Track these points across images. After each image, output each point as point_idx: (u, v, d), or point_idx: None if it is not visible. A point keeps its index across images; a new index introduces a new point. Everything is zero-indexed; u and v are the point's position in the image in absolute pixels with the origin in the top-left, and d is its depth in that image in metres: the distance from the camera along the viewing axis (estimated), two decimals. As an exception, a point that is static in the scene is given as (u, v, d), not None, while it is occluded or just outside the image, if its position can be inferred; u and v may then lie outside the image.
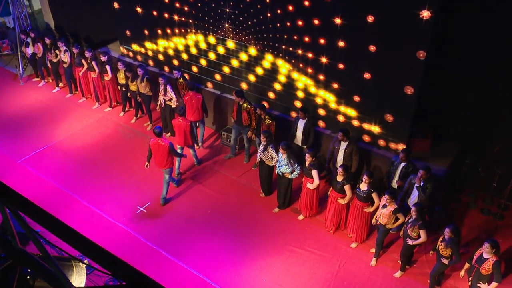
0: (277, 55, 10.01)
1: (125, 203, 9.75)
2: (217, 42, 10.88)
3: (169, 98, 10.95)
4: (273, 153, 9.09)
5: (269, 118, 9.84)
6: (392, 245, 8.86)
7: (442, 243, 7.42)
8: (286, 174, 8.99)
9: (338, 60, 9.18)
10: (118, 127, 12.10)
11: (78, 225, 9.18)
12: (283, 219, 9.41)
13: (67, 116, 12.52)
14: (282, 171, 8.99)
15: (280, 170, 9.00)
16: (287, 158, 8.82)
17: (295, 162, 8.93)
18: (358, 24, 8.53)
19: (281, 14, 9.46)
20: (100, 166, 10.77)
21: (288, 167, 8.87)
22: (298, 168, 8.93)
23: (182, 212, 9.57)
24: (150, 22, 11.92)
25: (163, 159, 9.29)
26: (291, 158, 8.86)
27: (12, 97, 13.32)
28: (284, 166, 8.90)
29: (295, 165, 8.90)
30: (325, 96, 9.78)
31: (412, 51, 8.16)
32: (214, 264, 8.49)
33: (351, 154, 9.11)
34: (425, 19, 7.77)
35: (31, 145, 11.42)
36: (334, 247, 8.83)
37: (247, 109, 10.13)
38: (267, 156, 9.22)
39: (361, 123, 9.54)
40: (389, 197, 7.83)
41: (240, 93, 10.23)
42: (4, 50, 15.38)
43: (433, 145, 9.45)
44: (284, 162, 8.87)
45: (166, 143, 9.16)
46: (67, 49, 12.54)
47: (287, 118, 10.48)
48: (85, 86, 12.82)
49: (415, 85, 8.48)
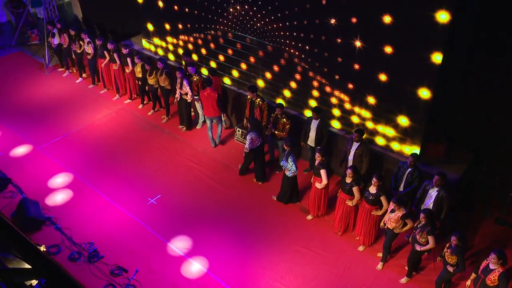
0: (293, 53, 9.96)
1: (137, 194, 9.89)
2: (234, 38, 10.90)
3: (185, 92, 11.05)
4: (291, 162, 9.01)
5: (286, 117, 9.80)
6: (401, 250, 8.71)
7: (448, 250, 7.27)
8: (285, 170, 9.15)
9: (353, 60, 9.06)
10: (136, 119, 12.28)
11: (90, 213, 9.39)
12: (291, 218, 9.36)
13: (88, 106, 12.77)
14: (283, 165, 9.17)
15: (283, 164, 9.16)
16: (287, 154, 8.95)
17: (292, 162, 8.95)
18: (375, 25, 8.39)
19: (298, 11, 9.40)
20: (116, 156, 10.95)
21: (286, 162, 9.01)
22: (293, 169, 9.00)
23: (191, 206, 9.63)
24: (171, 16, 12.04)
25: (211, 108, 10.44)
26: (289, 156, 8.93)
27: (37, 86, 13.67)
28: (284, 161, 9.06)
29: (290, 164, 8.95)
30: (340, 96, 9.67)
31: (428, 53, 7.98)
32: (219, 259, 8.52)
33: (361, 155, 9.00)
34: (442, 21, 7.58)
35: (52, 132, 11.70)
36: (341, 249, 8.74)
37: (259, 105, 10.12)
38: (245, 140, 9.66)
39: (375, 125, 9.40)
40: (396, 204, 7.69)
41: (253, 88, 10.22)
42: (33, 40, 15.79)
43: (448, 151, 9.24)
44: (284, 158, 9.03)
45: (215, 93, 10.41)
46: (90, 41, 12.78)
47: (301, 117, 10.42)
48: (107, 77, 13.04)
49: (431, 88, 8.29)
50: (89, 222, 9.20)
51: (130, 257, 8.51)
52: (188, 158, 10.89)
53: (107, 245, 8.71)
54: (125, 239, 8.89)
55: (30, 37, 15.78)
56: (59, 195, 9.81)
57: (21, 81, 13.87)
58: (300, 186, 9.72)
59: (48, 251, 8.47)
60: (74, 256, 8.46)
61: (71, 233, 8.91)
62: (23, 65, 14.76)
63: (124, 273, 8.19)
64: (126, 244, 8.77)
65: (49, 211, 9.39)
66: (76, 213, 9.39)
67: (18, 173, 10.30)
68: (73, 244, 8.69)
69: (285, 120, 9.77)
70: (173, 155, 10.99)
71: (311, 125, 9.63)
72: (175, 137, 11.61)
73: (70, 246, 8.65)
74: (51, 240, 8.75)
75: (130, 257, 8.50)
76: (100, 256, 8.48)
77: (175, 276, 8.19)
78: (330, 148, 9.99)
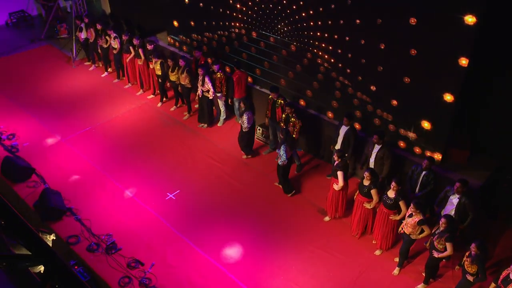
0: (316, 53, 9.90)
1: (156, 188, 9.99)
2: (258, 36, 10.90)
3: (207, 89, 11.10)
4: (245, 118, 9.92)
5: (296, 117, 9.77)
6: (418, 256, 8.57)
7: (468, 259, 7.11)
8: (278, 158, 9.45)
9: (377, 62, 8.96)
10: (158, 114, 12.40)
11: (109, 205, 9.52)
12: (309, 219, 9.32)
13: (112, 100, 12.96)
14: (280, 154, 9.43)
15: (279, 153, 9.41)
16: (281, 143, 9.29)
17: (284, 151, 9.22)
18: (400, 26, 8.28)
19: (323, 12, 9.34)
20: (137, 151, 11.08)
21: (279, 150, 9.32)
22: (284, 158, 9.28)
23: (210, 203, 9.68)
24: (196, 13, 12.11)
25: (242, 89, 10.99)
26: (282, 145, 9.23)
27: (64, 79, 13.93)
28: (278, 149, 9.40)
29: (282, 152, 9.25)
30: (362, 98, 9.58)
31: (454, 57, 7.84)
32: (234, 257, 8.54)
33: (383, 158, 8.88)
34: (470, 24, 7.43)
35: (76, 125, 11.92)
36: (357, 252, 8.66)
37: (281, 105, 10.09)
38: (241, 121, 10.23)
39: (397, 128, 9.28)
40: (414, 208, 7.58)
41: (275, 89, 10.20)
42: (62, 34, 16.10)
43: (471, 157, 9.06)
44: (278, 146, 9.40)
45: (245, 73, 11.02)
46: (117, 36, 12.95)
47: (321, 117, 10.36)
48: (131, 72, 13.20)
49: (455, 92, 8.14)
50: (109, 214, 9.33)
51: (147, 250, 8.60)
52: (208, 155, 10.95)
53: (125, 238, 8.82)
54: (143, 233, 8.98)
55: (59, 30, 16.09)
56: (80, 187, 9.98)
57: (49, 74, 14.17)
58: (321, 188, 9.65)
59: (67, 241, 8.64)
60: (93, 247, 8.60)
61: (90, 224, 9.05)
62: (51, 58, 15.07)
63: (140, 266, 8.28)
64: (143, 238, 8.87)
65: (70, 201, 9.56)
66: (96, 205, 9.54)
67: (42, 164, 10.52)
68: (92, 235, 8.83)
69: (295, 120, 9.74)
70: (193, 151, 11.06)
71: (340, 130, 9.48)
72: (196, 133, 11.68)
73: (89, 237, 8.80)
74: (71, 230, 8.91)
75: (147, 251, 8.59)
76: (118, 248, 8.60)
77: (191, 271, 8.25)
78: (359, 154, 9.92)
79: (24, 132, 11.58)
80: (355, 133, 9.46)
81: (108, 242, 8.67)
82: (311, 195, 9.86)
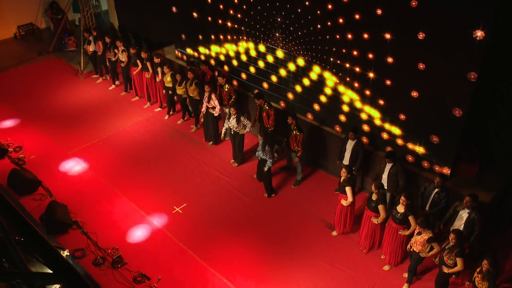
0: (324, 67, 9.91)
1: (162, 202, 9.95)
2: (266, 50, 10.93)
3: (212, 106, 11.05)
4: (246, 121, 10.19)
5: (297, 129, 9.79)
6: (428, 272, 8.47)
7: (479, 275, 7.02)
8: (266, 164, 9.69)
9: (385, 76, 8.95)
10: (166, 127, 12.41)
11: (116, 218, 9.49)
12: (316, 234, 9.25)
13: (120, 113, 12.99)
14: (261, 156, 9.67)
15: (259, 155, 9.68)
16: (263, 144, 9.49)
17: (270, 154, 9.49)
18: (409, 41, 8.28)
19: (330, 26, 9.36)
20: (144, 163, 11.07)
21: (263, 154, 9.57)
22: (270, 161, 9.57)
23: (217, 217, 9.63)
24: (204, 27, 12.17)
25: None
26: (266, 146, 9.44)
27: (72, 92, 13.99)
28: (260, 152, 9.61)
29: (267, 156, 9.52)
30: (370, 112, 9.55)
31: (463, 71, 7.81)
32: (242, 272, 8.46)
33: (396, 174, 8.83)
34: (479, 39, 7.42)
35: (83, 138, 11.93)
36: (366, 267, 8.57)
37: (266, 110, 10.30)
38: (241, 126, 10.35)
39: (405, 143, 9.24)
40: (420, 225, 7.50)
41: (259, 95, 10.49)
42: (70, 47, 16.21)
43: (481, 172, 8.99)
44: (260, 148, 9.58)
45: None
46: (125, 49, 13.03)
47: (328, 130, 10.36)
48: (139, 85, 13.25)
49: (464, 107, 8.11)
50: (115, 228, 9.30)
51: (153, 264, 8.54)
52: (216, 168, 10.92)
53: (132, 252, 8.77)
54: (149, 247, 8.93)
55: (67, 43, 16.20)
56: (87, 200, 9.96)
57: (56, 86, 14.23)
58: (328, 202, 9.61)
59: (73, 255, 8.59)
60: (99, 261, 8.54)
61: (97, 238, 9.01)
62: (59, 71, 15.15)
63: (146, 281, 8.22)
64: (150, 252, 8.82)
65: (76, 214, 9.53)
66: (103, 218, 9.51)
67: (48, 176, 10.52)
68: (98, 248, 8.79)
69: (297, 132, 9.78)
70: (200, 165, 11.03)
71: (347, 145, 9.45)
72: (203, 146, 11.67)
73: (95, 251, 8.75)
74: (77, 243, 8.87)
75: (153, 265, 8.53)
76: (124, 262, 8.54)
77: (197, 286, 8.17)
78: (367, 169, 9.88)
79: (31, 144, 11.60)
80: (363, 147, 9.42)
81: (114, 256, 8.62)
82: (318, 209, 9.80)
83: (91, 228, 9.24)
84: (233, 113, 10.20)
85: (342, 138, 9.84)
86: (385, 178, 8.94)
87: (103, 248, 8.78)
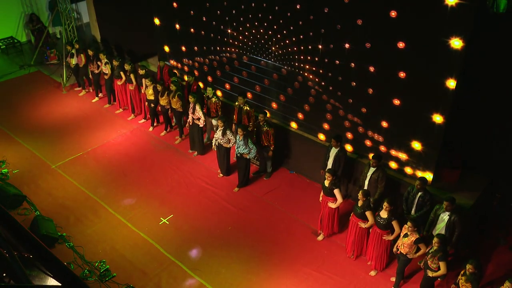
0: (307, 76, 10.06)
1: (149, 213, 9.94)
2: (249, 60, 11.05)
3: (197, 117, 11.09)
4: (231, 136, 10.20)
5: (267, 125, 10.25)
6: (414, 275, 8.61)
7: (462, 278, 7.18)
8: (244, 154, 10.07)
9: (367, 84, 9.13)
10: (150, 138, 12.41)
11: (102, 231, 9.45)
12: (303, 241, 9.33)
13: (104, 125, 12.95)
14: (240, 151, 10.03)
15: (239, 151, 10.04)
16: (244, 139, 9.83)
17: (252, 143, 9.93)
18: (389, 50, 8.48)
19: (312, 36, 9.53)
20: (129, 175, 11.05)
21: (245, 148, 9.92)
22: (254, 148, 10.00)
23: (203, 227, 9.65)
24: (187, 38, 12.25)
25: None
26: (247, 140, 9.85)
27: (54, 105, 13.90)
28: (241, 147, 9.94)
29: (251, 145, 9.93)
30: (353, 120, 9.72)
31: (442, 79, 8.03)
32: (229, 281, 8.50)
33: (377, 180, 8.97)
34: (457, 47, 7.64)
35: (67, 151, 11.86)
36: (353, 273, 8.67)
37: (247, 112, 10.54)
38: (225, 140, 10.30)
39: (388, 149, 9.41)
40: (412, 226, 7.65)
41: (243, 94, 10.78)
42: (52, 60, 16.13)
43: (463, 176, 9.20)
44: (241, 143, 9.90)
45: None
46: (108, 61, 13.02)
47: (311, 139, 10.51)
48: (122, 97, 13.23)
49: (444, 114, 8.31)
50: (102, 240, 9.26)
51: (141, 276, 8.53)
52: (202, 179, 10.95)
53: (119, 264, 8.74)
54: (136, 258, 8.91)
55: (49, 56, 16.12)
56: (72, 213, 9.90)
57: (39, 100, 14.13)
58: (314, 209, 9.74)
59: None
60: (86, 274, 8.50)
61: (83, 251, 8.96)
62: (42, 84, 15.04)
63: None
64: (137, 263, 8.80)
65: (62, 228, 9.46)
66: (89, 231, 9.46)
67: (33, 190, 10.44)
68: (85, 262, 8.74)
69: (267, 128, 10.18)
70: (186, 175, 11.06)
71: (330, 152, 9.55)
72: (188, 157, 11.70)
73: (82, 264, 8.70)
74: (63, 258, 8.78)
75: (141, 277, 8.52)
76: (112, 275, 8.51)
77: (186, 297, 8.18)
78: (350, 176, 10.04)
79: (14, 158, 11.49)
80: (345, 154, 9.55)
81: (101, 269, 8.58)
82: (304, 217, 9.89)
83: (78, 242, 9.19)
84: (220, 125, 10.24)
85: (326, 146, 9.97)
86: (367, 185, 9.07)
87: (90, 262, 8.74)
